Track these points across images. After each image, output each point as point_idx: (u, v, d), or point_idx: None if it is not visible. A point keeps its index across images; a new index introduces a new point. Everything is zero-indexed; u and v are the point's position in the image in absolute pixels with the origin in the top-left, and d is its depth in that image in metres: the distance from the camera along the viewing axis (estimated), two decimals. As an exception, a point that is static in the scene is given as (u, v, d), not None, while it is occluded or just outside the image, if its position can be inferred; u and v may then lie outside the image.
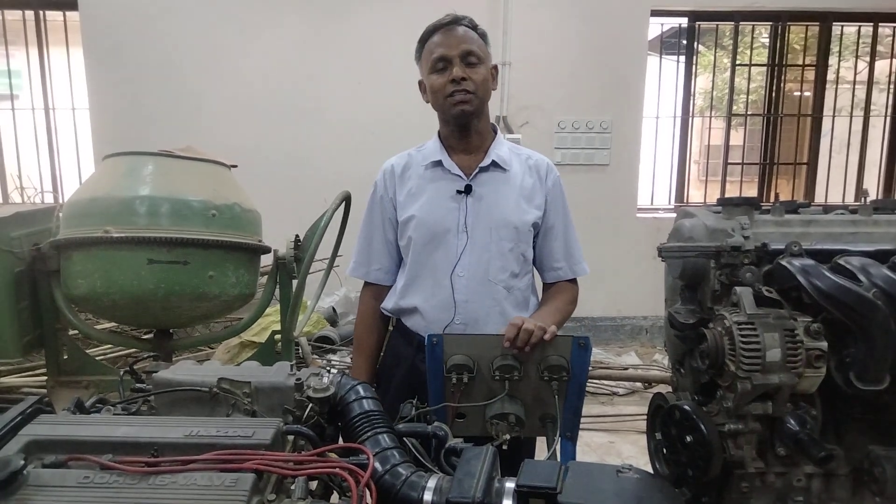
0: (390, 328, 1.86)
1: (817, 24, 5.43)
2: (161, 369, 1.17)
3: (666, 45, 5.77)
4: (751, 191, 5.72)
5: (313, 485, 0.91)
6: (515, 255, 1.72)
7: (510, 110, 5.06)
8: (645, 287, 4.35)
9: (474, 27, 1.72)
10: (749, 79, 5.62)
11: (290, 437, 0.98)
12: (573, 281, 1.84)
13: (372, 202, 1.84)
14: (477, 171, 1.73)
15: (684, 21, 5.38)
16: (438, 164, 1.75)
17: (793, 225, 1.45)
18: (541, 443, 1.49)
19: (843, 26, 5.46)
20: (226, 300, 2.02)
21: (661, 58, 5.56)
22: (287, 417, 1.05)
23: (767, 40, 5.58)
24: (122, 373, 1.40)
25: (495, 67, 1.77)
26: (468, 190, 1.71)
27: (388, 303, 1.80)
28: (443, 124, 1.78)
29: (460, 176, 1.73)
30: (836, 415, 1.34)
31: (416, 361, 1.71)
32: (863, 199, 1.50)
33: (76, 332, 2.26)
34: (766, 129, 5.59)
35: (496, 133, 1.81)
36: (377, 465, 0.95)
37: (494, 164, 1.74)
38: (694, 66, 5.49)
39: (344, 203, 2.28)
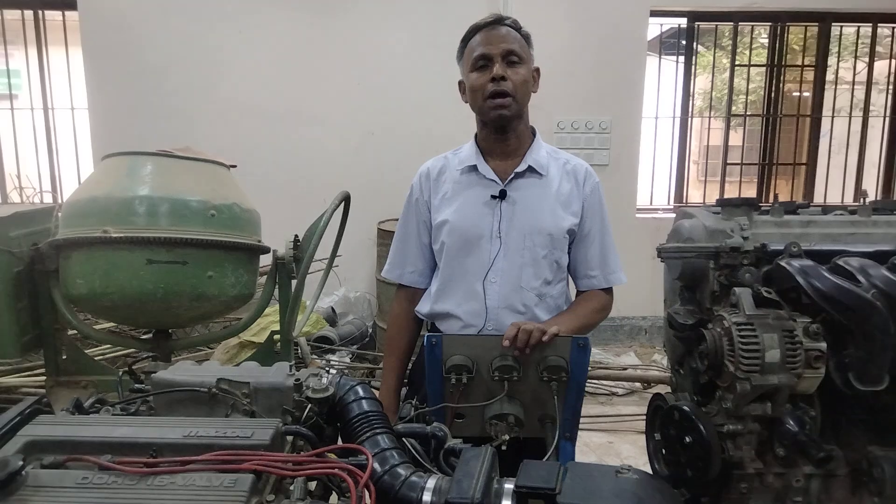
0: (425, 332, 1.86)
1: (816, 24, 5.44)
2: (160, 369, 1.16)
3: (665, 45, 5.77)
4: (750, 191, 5.72)
5: (312, 485, 0.90)
6: (549, 262, 1.71)
7: (509, 110, 5.05)
8: (644, 287, 4.34)
9: (518, 28, 1.71)
10: (748, 79, 5.63)
11: (289, 438, 0.98)
12: (608, 290, 1.82)
13: (408, 205, 1.84)
14: (512, 176, 1.72)
15: (683, 21, 5.38)
16: (473, 168, 1.74)
17: (792, 226, 1.45)
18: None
19: (842, 27, 5.47)
20: (225, 300, 2.02)
21: (660, 58, 5.56)
22: (286, 418, 1.04)
23: (766, 41, 5.58)
24: (120, 373, 1.40)
25: (537, 70, 1.75)
26: (503, 195, 1.70)
27: (423, 307, 1.80)
28: (480, 126, 1.77)
29: (495, 181, 1.72)
30: (835, 415, 1.34)
31: None
32: (862, 199, 1.51)
33: (75, 332, 2.26)
34: (766, 129, 5.60)
35: (535, 136, 1.79)
36: (376, 465, 0.95)
37: (531, 170, 1.72)
38: (693, 67, 5.49)
39: (343, 203, 2.28)
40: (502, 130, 1.71)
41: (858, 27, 5.48)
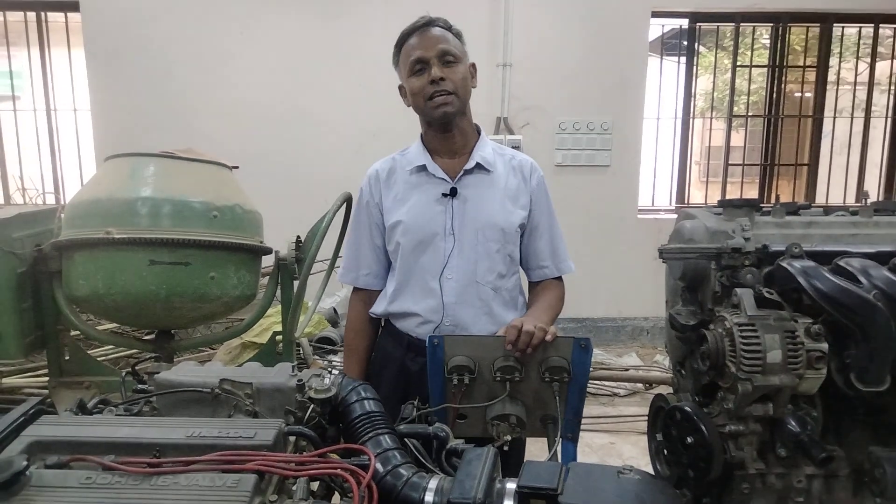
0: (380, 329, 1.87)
1: (818, 25, 5.44)
2: (163, 370, 1.17)
3: (667, 46, 5.77)
4: (751, 192, 5.72)
5: (315, 486, 0.91)
6: (502, 256, 1.73)
7: (511, 111, 5.06)
8: (646, 288, 4.34)
9: (449, 27, 1.73)
10: (750, 80, 5.62)
11: (292, 438, 0.98)
12: (559, 279, 1.84)
13: (358, 208, 1.85)
14: (461, 173, 1.74)
15: (685, 22, 5.39)
16: (423, 168, 1.76)
17: (793, 226, 1.45)
18: (542, 444, 1.50)
19: (843, 27, 5.46)
20: (227, 301, 2.02)
21: (661, 59, 5.57)
22: (289, 418, 1.05)
23: (768, 41, 5.58)
24: (123, 374, 1.40)
25: (473, 65, 1.77)
26: (453, 193, 1.72)
27: (378, 307, 1.81)
28: (425, 127, 1.79)
29: (445, 179, 1.74)
30: (837, 416, 1.34)
31: (406, 361, 1.73)
32: (863, 200, 1.51)
33: (78, 332, 2.26)
34: (767, 130, 5.59)
35: (480, 134, 1.81)
36: (378, 465, 0.95)
37: (479, 166, 1.75)
38: (695, 67, 5.49)
39: (345, 204, 2.28)
40: (447, 129, 1.73)
41: (860, 28, 5.48)
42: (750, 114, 5.83)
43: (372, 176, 1.83)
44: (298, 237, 2.24)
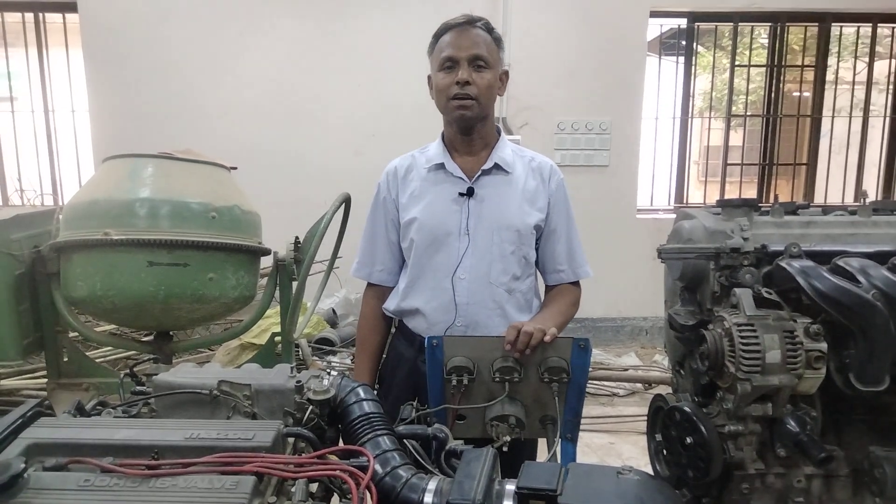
0: (393, 329, 1.87)
1: (816, 24, 5.44)
2: (161, 372, 1.17)
3: (665, 45, 5.78)
4: (750, 191, 5.73)
5: (314, 487, 0.91)
6: (517, 257, 1.72)
7: (510, 111, 5.06)
8: (645, 288, 4.35)
9: (489, 30, 1.71)
10: (748, 79, 5.63)
11: (291, 440, 0.98)
12: (576, 283, 1.84)
13: (375, 203, 1.85)
14: (479, 173, 1.73)
15: (683, 22, 5.39)
16: (441, 166, 1.75)
17: (792, 226, 1.45)
18: (541, 444, 1.50)
19: (841, 27, 5.47)
20: (226, 302, 2.02)
21: (660, 58, 5.57)
22: (287, 420, 1.05)
23: (766, 41, 5.59)
24: (122, 375, 1.39)
25: (506, 73, 1.76)
26: (470, 192, 1.71)
27: (391, 304, 1.81)
28: (446, 125, 1.78)
29: (462, 178, 1.73)
30: (836, 416, 1.34)
31: (418, 362, 1.71)
32: (862, 200, 1.50)
33: (76, 334, 2.26)
34: (766, 129, 5.60)
35: (500, 135, 1.81)
36: (377, 467, 0.95)
37: (497, 167, 1.74)
38: (693, 67, 5.50)
39: (343, 205, 2.28)
40: (467, 131, 1.73)
41: (858, 27, 5.48)
42: (748, 113, 5.84)
43: (390, 172, 1.83)
44: (297, 238, 2.24)
